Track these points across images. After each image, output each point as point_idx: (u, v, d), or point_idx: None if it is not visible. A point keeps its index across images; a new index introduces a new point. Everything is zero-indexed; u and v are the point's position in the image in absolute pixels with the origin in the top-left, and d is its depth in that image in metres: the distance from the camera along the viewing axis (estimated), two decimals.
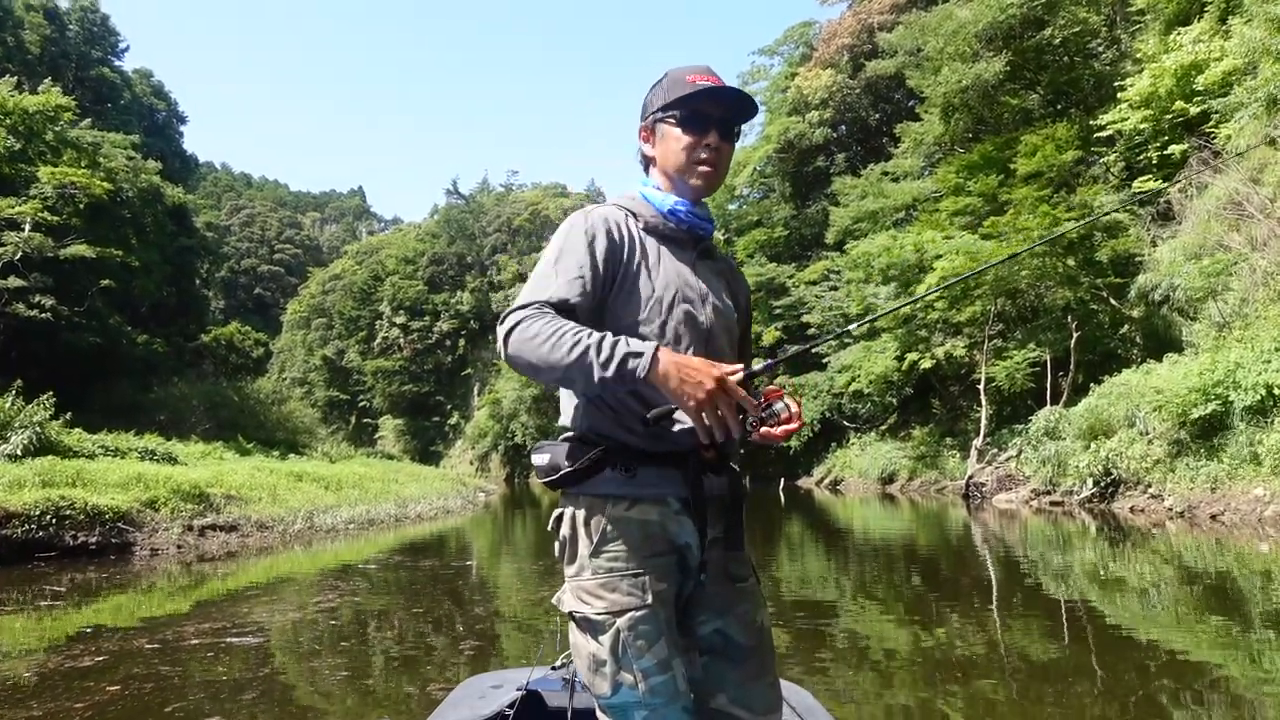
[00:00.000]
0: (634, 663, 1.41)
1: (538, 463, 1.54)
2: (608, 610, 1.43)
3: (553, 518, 1.55)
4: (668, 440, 1.47)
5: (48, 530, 9.06)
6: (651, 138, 1.65)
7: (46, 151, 23.88)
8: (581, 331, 1.36)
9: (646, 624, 1.43)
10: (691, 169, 1.60)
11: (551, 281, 1.45)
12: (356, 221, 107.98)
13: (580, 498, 1.50)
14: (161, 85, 43.98)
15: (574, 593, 1.49)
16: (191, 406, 26.32)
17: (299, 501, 13.36)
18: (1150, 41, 18.90)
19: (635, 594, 1.44)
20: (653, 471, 1.48)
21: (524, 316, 1.40)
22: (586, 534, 1.48)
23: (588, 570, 1.47)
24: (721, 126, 1.60)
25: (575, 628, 1.49)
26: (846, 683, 4.43)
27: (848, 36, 33.94)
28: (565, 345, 1.34)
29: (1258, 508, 10.44)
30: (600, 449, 1.47)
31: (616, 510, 1.47)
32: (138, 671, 4.56)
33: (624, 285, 1.52)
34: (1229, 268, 13.71)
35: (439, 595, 7.66)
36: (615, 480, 1.47)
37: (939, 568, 9.15)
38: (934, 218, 22.05)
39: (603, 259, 1.50)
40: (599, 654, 1.43)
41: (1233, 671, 4.39)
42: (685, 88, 1.58)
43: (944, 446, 21.87)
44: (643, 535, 1.47)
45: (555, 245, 1.52)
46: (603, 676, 1.43)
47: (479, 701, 2.38)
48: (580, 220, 1.54)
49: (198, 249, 36.57)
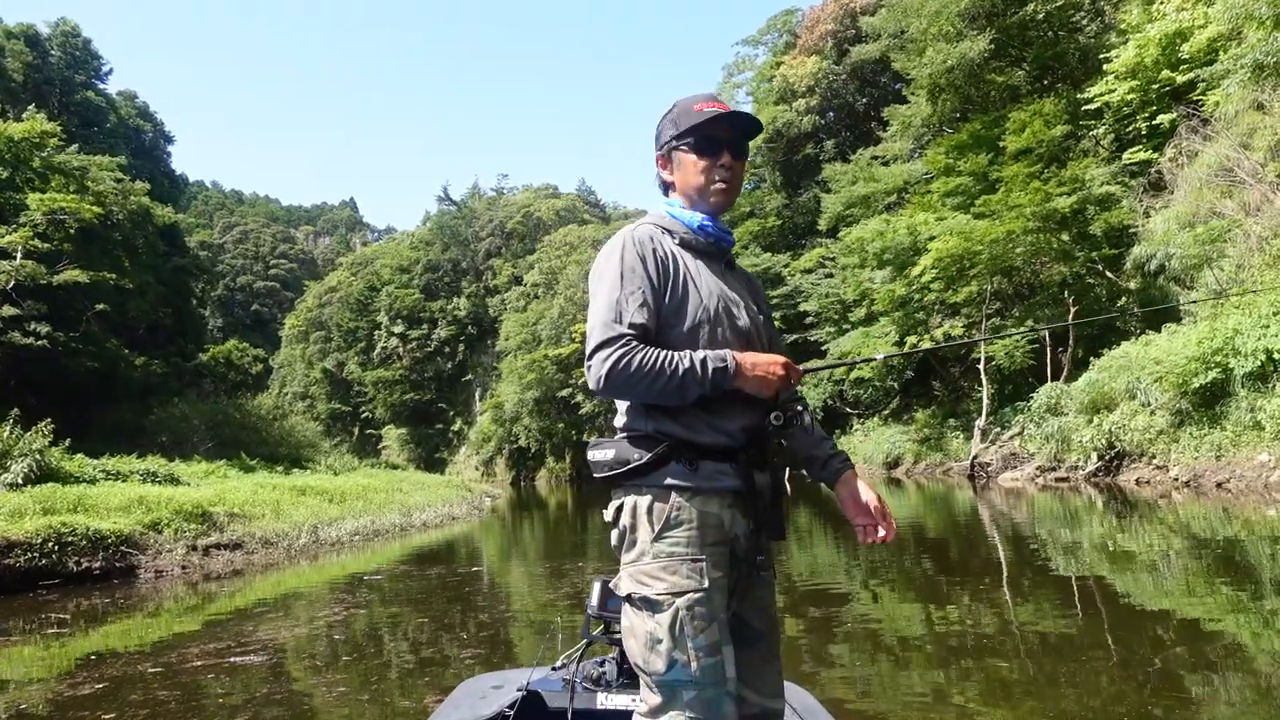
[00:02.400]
0: (688, 642, 1.53)
1: (599, 458, 1.67)
2: (668, 591, 1.55)
3: (612, 508, 1.67)
4: (730, 436, 1.63)
5: (50, 558, 8.99)
6: (668, 165, 1.81)
7: (34, 178, 23.84)
8: (676, 359, 1.56)
9: (703, 606, 1.55)
10: (709, 189, 1.76)
11: (626, 310, 1.60)
12: (350, 233, 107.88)
13: (644, 489, 1.61)
14: (147, 106, 43.99)
15: (633, 576, 1.60)
16: (193, 426, 26.25)
17: (303, 516, 13.31)
18: (1134, 12, 18.85)
19: (694, 578, 1.56)
20: (711, 466, 1.61)
21: (621, 355, 1.55)
22: (649, 522, 1.59)
23: (648, 555, 1.59)
24: (733, 147, 1.77)
25: (631, 609, 1.61)
26: (862, 668, 4.39)
27: (831, 22, 33.87)
28: (666, 375, 1.55)
29: (1263, 473, 10.40)
30: (665, 445, 1.60)
31: (679, 500, 1.59)
32: (135, 698, 4.51)
33: (674, 298, 1.66)
34: (1223, 234, 13.66)
35: (445, 603, 7.62)
36: (680, 473, 1.60)
37: (948, 550, 9.11)
38: (926, 199, 22.01)
39: (657, 279, 1.65)
40: (656, 632, 1.55)
41: (1246, 638, 4.36)
42: (695, 116, 1.75)
43: (947, 428, 21.84)
44: (702, 524, 1.59)
45: (612, 269, 1.65)
46: (658, 654, 1.54)
47: (479, 702, 2.39)
48: (630, 243, 1.67)
49: (191, 268, 36.56)
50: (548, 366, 46.67)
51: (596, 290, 1.66)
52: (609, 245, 1.70)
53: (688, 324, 1.64)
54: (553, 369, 46.55)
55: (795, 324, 29.23)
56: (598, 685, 2.39)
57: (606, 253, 1.69)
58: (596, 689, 2.37)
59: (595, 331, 1.59)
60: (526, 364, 47.86)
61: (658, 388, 1.55)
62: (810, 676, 4.12)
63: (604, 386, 1.56)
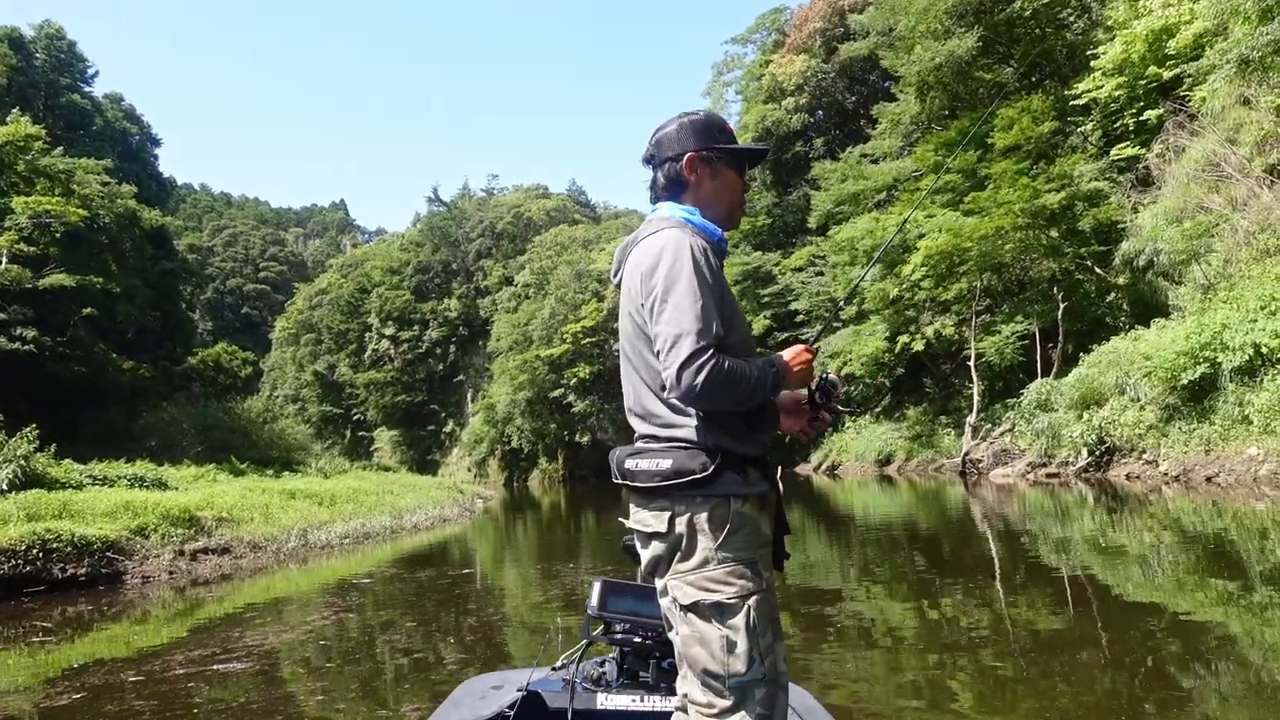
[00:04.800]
0: (760, 641, 1.61)
1: (650, 468, 1.69)
2: (739, 594, 1.62)
3: (659, 519, 1.68)
4: (763, 446, 1.75)
5: (35, 564, 8.88)
6: (705, 170, 1.85)
7: (19, 182, 23.61)
8: (749, 368, 1.65)
9: (766, 605, 1.64)
10: (737, 212, 1.91)
11: (712, 320, 1.64)
12: (340, 235, 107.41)
13: (699, 499, 1.66)
14: (133, 109, 43.42)
15: (697, 584, 1.63)
16: (182, 430, 26.07)
17: (292, 519, 13.21)
18: (1120, 8, 18.90)
19: (758, 579, 1.65)
20: (755, 474, 1.71)
21: (714, 366, 1.59)
22: (711, 530, 1.64)
23: (714, 561, 1.63)
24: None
25: (697, 618, 1.63)
26: (856, 664, 4.36)
27: (819, 20, 33.89)
28: (746, 384, 1.63)
29: (1252, 467, 10.43)
30: (720, 455, 1.66)
31: (736, 507, 1.66)
32: (110, 709, 4.43)
33: (728, 310, 1.73)
34: (1210, 229, 13.70)
35: (435, 606, 7.56)
36: (735, 481, 1.67)
37: (940, 546, 9.10)
38: (915, 197, 22.00)
39: (718, 289, 1.70)
40: (732, 635, 1.60)
41: (1237, 631, 4.34)
42: (738, 141, 1.90)
43: (939, 425, 21.87)
44: (754, 528, 1.69)
45: (687, 277, 1.66)
46: (737, 656, 1.60)
47: (479, 702, 2.39)
48: (697, 252, 1.70)
49: (180, 271, 36.25)
50: (540, 367, 46.58)
51: (671, 296, 1.65)
52: (672, 248, 1.69)
53: (736, 336, 1.71)
54: (545, 369, 46.46)
55: (786, 322, 29.23)
56: (598, 685, 2.39)
57: (673, 257, 1.68)
58: (597, 689, 2.37)
59: (685, 341, 1.60)
60: (518, 365, 47.76)
61: (738, 396, 1.63)
62: (801, 675, 4.08)
63: (697, 396, 1.60)
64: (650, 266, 1.70)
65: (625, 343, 1.82)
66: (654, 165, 1.90)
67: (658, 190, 1.89)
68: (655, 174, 1.89)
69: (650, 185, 1.92)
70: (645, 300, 1.70)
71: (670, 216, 1.81)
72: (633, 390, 1.79)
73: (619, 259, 1.89)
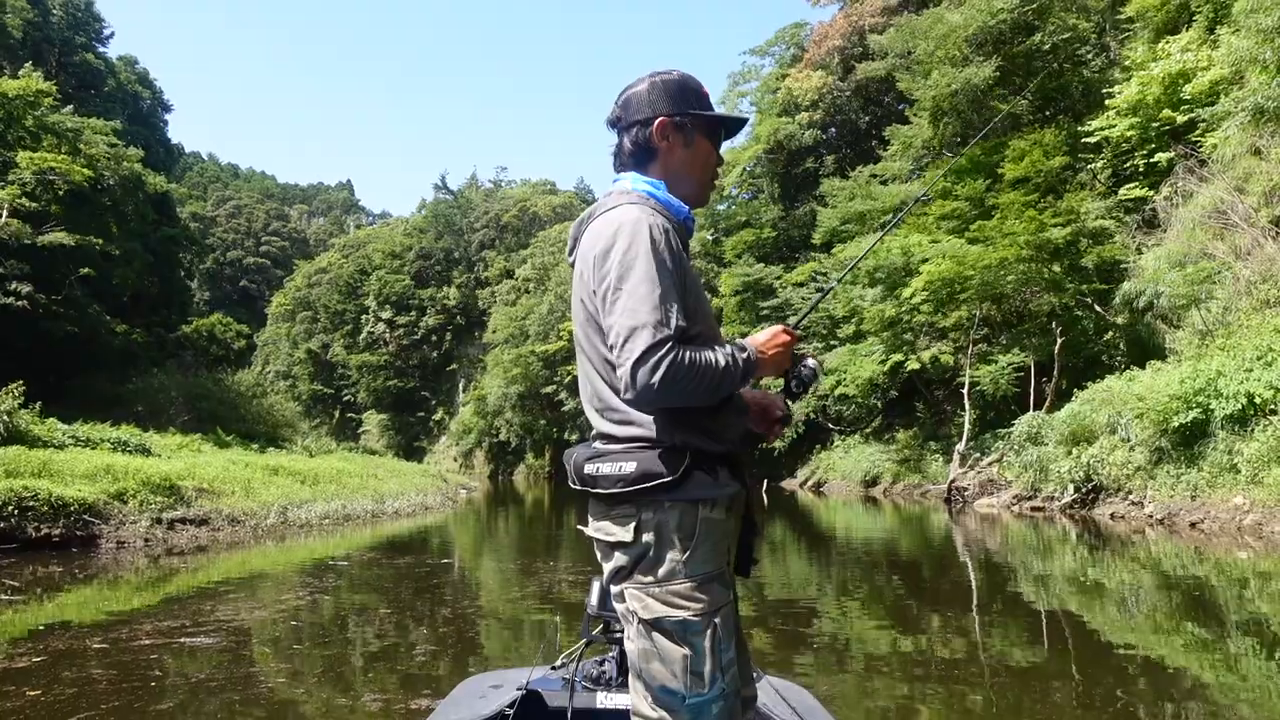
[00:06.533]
0: (722, 657, 1.48)
1: (614, 472, 1.52)
2: (705, 610, 1.48)
3: (623, 528, 1.52)
4: (733, 441, 1.58)
5: (9, 521, 8.83)
6: (675, 135, 1.65)
7: (26, 137, 23.49)
8: (713, 358, 1.47)
9: (730, 618, 1.52)
10: (709, 184, 1.73)
11: (670, 311, 1.46)
12: (344, 215, 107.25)
13: (667, 504, 1.49)
14: (146, 73, 43.32)
15: (662, 599, 1.48)
16: (171, 398, 25.91)
17: (273, 495, 13.15)
18: (1139, 49, 18.95)
19: (725, 591, 1.52)
20: (725, 473, 1.55)
21: (673, 360, 1.42)
22: (679, 539, 1.49)
23: (681, 574, 1.48)
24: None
25: (659, 635, 1.48)
26: (829, 685, 4.32)
27: (839, 38, 33.91)
28: (710, 376, 1.46)
29: (1237, 516, 10.43)
30: (689, 455, 1.50)
31: (704, 512, 1.51)
32: (67, 675, 4.36)
33: (690, 297, 1.57)
34: (1212, 276, 13.72)
35: (411, 595, 7.51)
36: (705, 483, 1.51)
37: (920, 572, 9.08)
38: (921, 221, 22.02)
39: (680, 274, 1.53)
40: (695, 654, 1.47)
41: (1208, 678, 4.33)
42: (717, 108, 1.70)
43: (927, 450, 21.86)
44: (722, 534, 1.54)
45: (641, 264, 1.49)
46: (698, 677, 1.46)
47: (479, 701, 2.38)
48: (659, 235, 1.52)
49: (181, 239, 36.06)
50: (534, 362, 46.53)
51: (626, 284, 1.48)
52: (628, 229, 1.52)
53: (700, 327, 1.55)
54: (539, 365, 46.41)
55: None
56: (598, 684, 2.38)
57: (629, 239, 1.50)
58: (596, 688, 2.36)
59: (641, 334, 1.43)
60: (513, 358, 47.71)
61: (703, 390, 1.46)
62: None
63: (655, 396, 1.43)
64: (604, 249, 1.52)
65: (578, 330, 1.63)
66: (620, 129, 1.69)
67: (623, 157, 1.69)
68: (621, 139, 1.69)
69: (615, 152, 1.72)
70: (598, 287, 1.53)
71: (632, 190, 1.63)
72: (588, 382, 1.63)
73: (574, 235, 1.71)
